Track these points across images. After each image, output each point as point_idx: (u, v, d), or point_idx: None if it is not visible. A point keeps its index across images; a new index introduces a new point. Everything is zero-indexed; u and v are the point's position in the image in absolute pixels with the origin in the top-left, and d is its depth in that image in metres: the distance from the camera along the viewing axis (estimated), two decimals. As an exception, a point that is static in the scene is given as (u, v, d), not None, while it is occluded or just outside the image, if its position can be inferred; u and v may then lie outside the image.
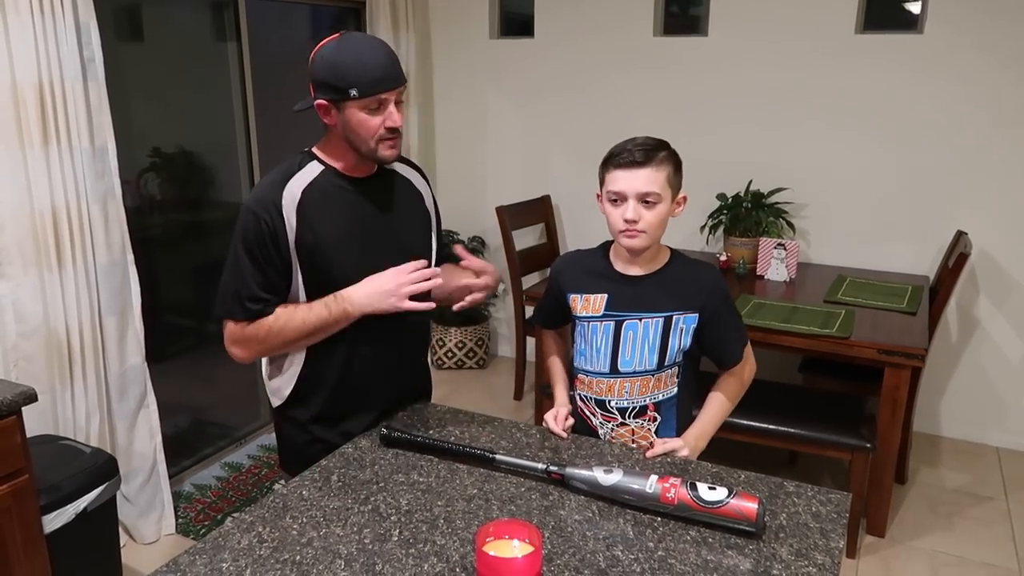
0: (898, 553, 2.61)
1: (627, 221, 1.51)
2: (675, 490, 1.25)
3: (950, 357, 3.38)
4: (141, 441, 2.59)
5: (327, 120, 1.51)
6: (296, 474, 1.45)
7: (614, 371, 1.60)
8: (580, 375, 1.67)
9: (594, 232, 1.72)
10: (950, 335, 3.36)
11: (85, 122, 2.27)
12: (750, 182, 3.44)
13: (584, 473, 1.33)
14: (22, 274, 2.18)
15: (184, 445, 3.13)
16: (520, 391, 3.79)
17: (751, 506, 1.20)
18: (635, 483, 1.28)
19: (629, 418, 1.62)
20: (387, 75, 1.46)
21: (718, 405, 1.66)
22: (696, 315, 1.58)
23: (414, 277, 1.50)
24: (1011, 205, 3.13)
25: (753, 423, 2.60)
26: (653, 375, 1.59)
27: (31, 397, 1.80)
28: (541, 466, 1.39)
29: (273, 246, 1.49)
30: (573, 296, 1.65)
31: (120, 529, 2.46)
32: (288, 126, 2.45)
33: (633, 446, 1.60)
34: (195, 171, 3.24)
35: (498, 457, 1.43)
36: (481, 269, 1.64)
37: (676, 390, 1.62)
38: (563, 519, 1.28)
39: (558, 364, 1.79)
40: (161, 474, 2.67)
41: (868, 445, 2.48)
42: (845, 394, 2.86)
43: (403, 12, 3.72)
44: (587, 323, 1.62)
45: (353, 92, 1.43)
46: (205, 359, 3.32)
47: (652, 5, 3.57)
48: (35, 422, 2.19)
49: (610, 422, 1.64)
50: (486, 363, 4.21)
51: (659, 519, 1.27)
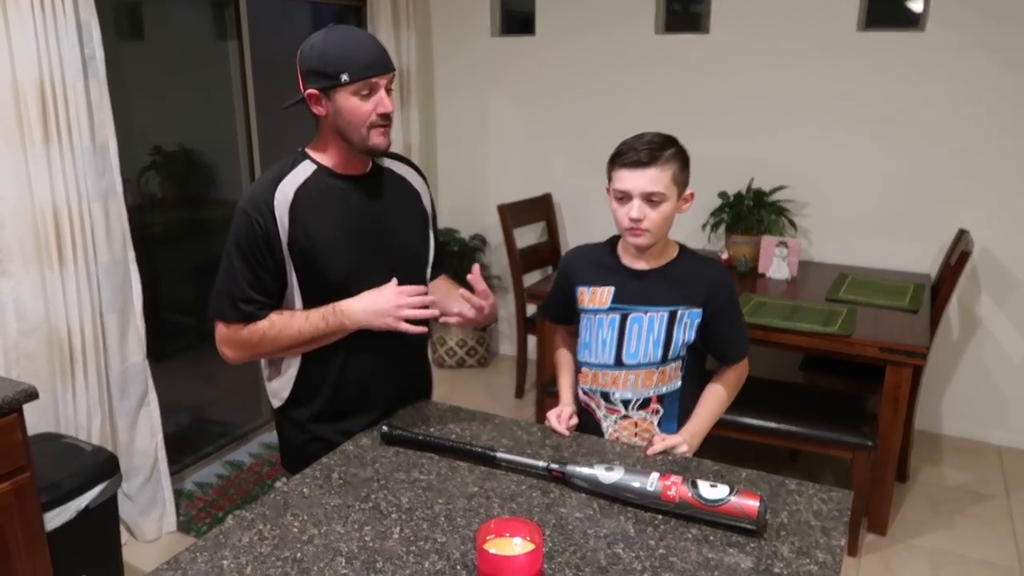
0: (899, 551, 2.61)
1: (632, 220, 1.52)
2: (676, 488, 1.25)
3: (952, 355, 3.38)
4: (142, 439, 2.60)
5: (318, 111, 1.50)
6: (297, 473, 1.44)
7: (618, 363, 1.61)
8: (584, 368, 1.67)
9: (596, 230, 1.72)
10: (952, 333, 3.36)
11: (86, 120, 2.27)
12: (752, 180, 3.44)
13: (585, 471, 1.33)
14: (23, 272, 2.18)
15: (185, 443, 3.13)
16: (521, 389, 3.79)
17: (752, 504, 1.20)
18: (636, 481, 1.28)
19: (632, 410, 1.63)
20: (377, 60, 1.46)
21: (717, 399, 1.66)
22: (700, 310, 1.59)
23: (413, 302, 1.50)
24: (1013, 203, 3.13)
25: (755, 421, 2.60)
26: (657, 368, 1.60)
27: (32, 395, 1.80)
28: (542, 464, 1.39)
29: (266, 247, 1.48)
30: (581, 289, 1.66)
31: (121, 527, 2.46)
32: (288, 125, 2.44)
33: (635, 440, 1.61)
34: (196, 169, 3.24)
35: (499, 455, 1.43)
36: (481, 297, 1.56)
37: (680, 383, 1.63)
38: (564, 517, 1.28)
39: (567, 362, 1.79)
40: (162, 472, 2.67)
41: (869, 443, 2.47)
42: (846, 392, 2.85)
43: (404, 10, 3.71)
44: (593, 316, 1.63)
45: (344, 77, 1.43)
46: (206, 357, 3.31)
47: (653, 2, 3.57)
48: (36, 420, 2.19)
49: (613, 414, 1.65)
50: (487, 361, 4.21)
51: (660, 517, 1.27)
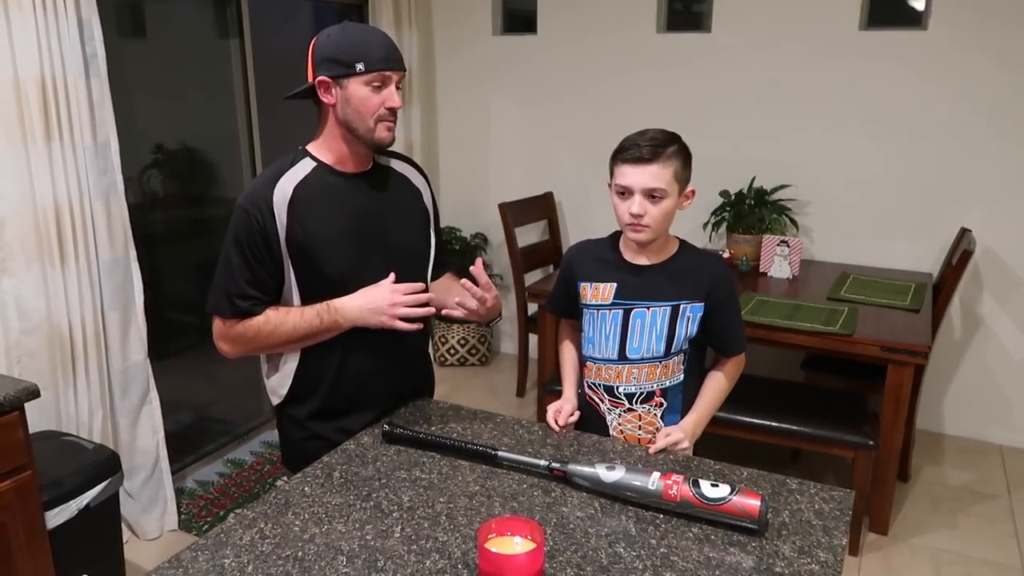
0: (901, 551, 2.60)
1: (633, 215, 1.53)
2: (677, 487, 1.25)
3: (953, 355, 3.37)
4: (144, 437, 2.60)
5: (326, 99, 1.50)
6: (297, 470, 1.44)
7: (622, 358, 1.62)
8: (588, 362, 1.68)
9: (597, 228, 1.72)
10: (953, 332, 3.35)
11: (87, 118, 2.27)
12: (753, 179, 3.43)
13: (586, 470, 1.33)
14: (25, 270, 2.18)
15: (187, 441, 3.13)
16: (523, 388, 3.78)
17: (754, 503, 1.20)
18: (637, 480, 1.28)
19: (636, 403, 1.64)
20: (392, 56, 1.49)
21: (718, 390, 1.67)
22: (702, 304, 1.59)
23: (408, 300, 1.50)
24: (1015, 202, 3.12)
25: (756, 420, 2.60)
26: (660, 362, 1.61)
27: (33, 393, 1.80)
28: (543, 463, 1.39)
29: (263, 244, 1.48)
30: (583, 284, 1.67)
31: (123, 525, 2.46)
32: (290, 123, 2.44)
33: (639, 434, 1.62)
34: (197, 167, 3.24)
35: (500, 454, 1.43)
36: (484, 289, 1.53)
37: (682, 376, 1.64)
38: (565, 516, 1.27)
39: (571, 357, 1.79)
40: (164, 470, 2.67)
41: (871, 443, 2.47)
42: (848, 392, 2.85)
43: (405, 8, 3.71)
44: (596, 311, 1.64)
45: (359, 66, 1.45)
46: (208, 355, 3.29)
47: (655, 1, 3.56)
48: (38, 418, 2.19)
49: (617, 408, 1.65)
50: (489, 360, 4.21)
51: (661, 516, 1.27)
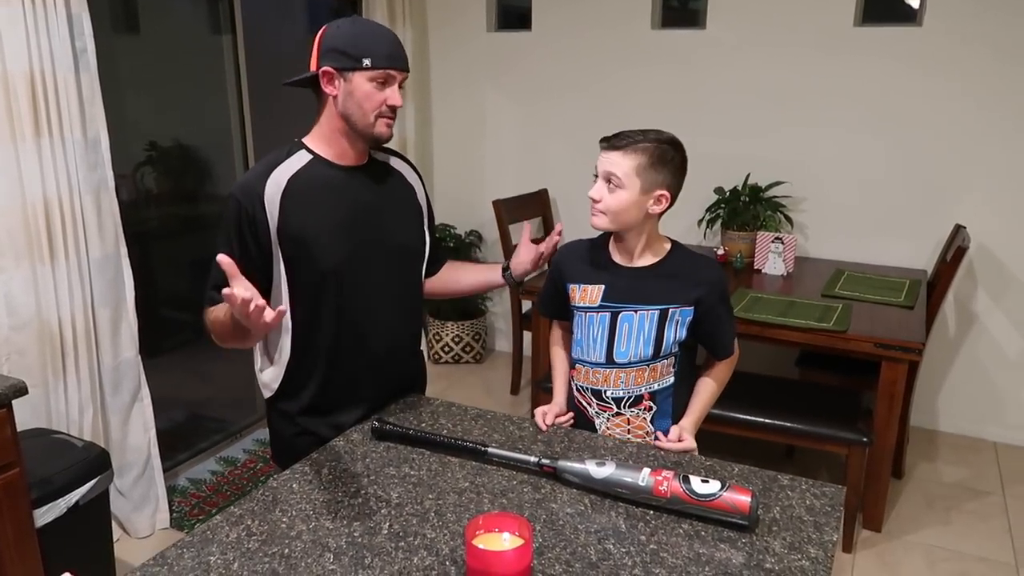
0: (894, 548, 2.60)
1: (590, 197, 1.55)
2: (668, 483, 1.24)
3: (948, 351, 3.37)
4: (135, 435, 2.58)
5: (329, 89, 1.49)
6: (287, 466, 1.43)
7: (610, 361, 1.59)
8: (577, 365, 1.66)
9: (591, 225, 1.71)
10: (948, 329, 3.35)
11: (77, 113, 2.25)
12: (748, 175, 3.42)
13: (576, 466, 1.32)
14: (14, 266, 2.17)
15: (179, 439, 3.12)
16: (517, 386, 3.78)
17: (744, 499, 1.19)
18: (628, 476, 1.27)
19: (625, 408, 1.62)
20: (399, 55, 1.50)
21: (710, 392, 1.66)
22: (692, 308, 1.57)
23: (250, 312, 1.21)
24: (1010, 199, 3.12)
25: (750, 417, 2.59)
26: (649, 365, 1.59)
27: (22, 390, 1.79)
28: (533, 459, 1.38)
29: (251, 234, 1.47)
30: (572, 286, 1.65)
31: (114, 523, 2.45)
32: (283, 119, 2.43)
33: (627, 438, 1.59)
34: (190, 164, 3.22)
35: (490, 450, 1.42)
36: (549, 239, 1.72)
37: (672, 380, 1.62)
38: (555, 512, 1.27)
39: (560, 361, 1.77)
40: (155, 468, 2.66)
41: (865, 439, 2.47)
42: (842, 388, 2.85)
43: (400, 4, 3.70)
44: (584, 313, 1.62)
45: (366, 61, 1.45)
46: (201, 353, 3.30)
47: (650, -2, 3.56)
48: (28, 416, 2.18)
49: (606, 412, 1.63)
50: (483, 358, 4.20)
51: (651, 512, 1.26)
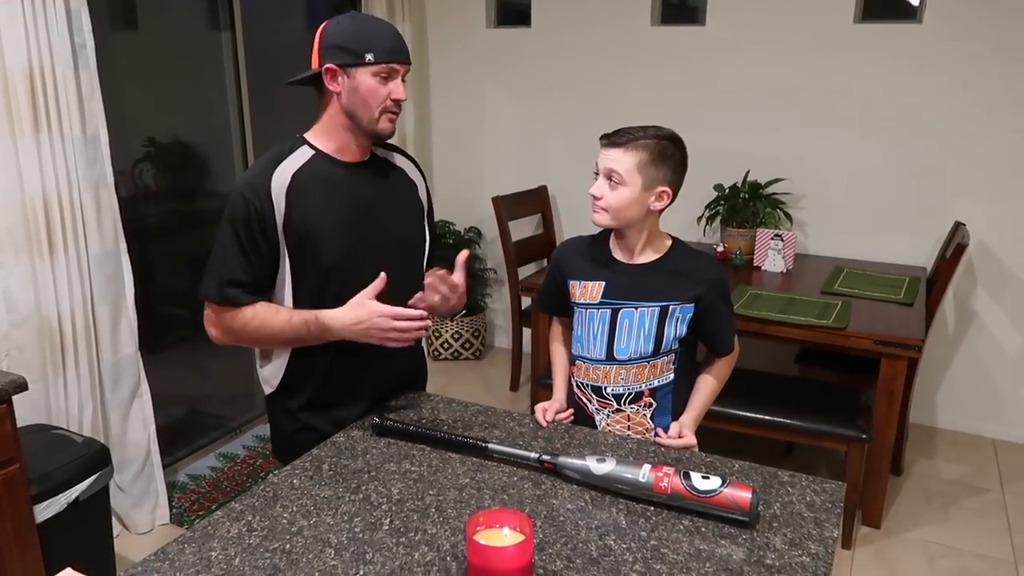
0: (893, 544, 2.61)
1: (591, 195, 1.55)
2: (668, 479, 1.24)
3: (947, 348, 3.37)
4: (135, 431, 2.58)
5: (332, 87, 1.48)
6: (287, 462, 1.44)
7: (610, 358, 1.59)
8: (577, 361, 1.66)
9: (591, 222, 1.72)
10: (947, 326, 3.35)
11: (76, 109, 2.25)
12: (747, 172, 3.42)
13: (577, 462, 1.32)
14: (13, 262, 2.17)
15: (179, 435, 3.12)
16: (516, 382, 3.78)
17: (744, 495, 1.20)
18: (628, 472, 1.28)
19: (625, 404, 1.62)
20: (401, 49, 1.50)
21: (710, 389, 1.66)
22: (692, 305, 1.57)
23: (401, 326, 1.44)
24: (1010, 196, 3.12)
25: (749, 414, 2.60)
26: (649, 362, 1.59)
27: (21, 386, 1.80)
28: (534, 455, 1.38)
29: (260, 229, 1.47)
30: (572, 283, 1.65)
31: (114, 519, 2.46)
32: (282, 116, 2.43)
33: (627, 434, 1.60)
34: (190, 161, 3.22)
35: (491, 446, 1.42)
36: (450, 290, 1.55)
37: (672, 376, 1.62)
38: (555, 508, 1.27)
39: (560, 358, 1.77)
40: (155, 464, 2.66)
41: (864, 436, 2.47)
42: (841, 385, 2.85)
43: (399, 1, 3.69)
44: (584, 310, 1.62)
45: (369, 57, 1.45)
46: (201, 349, 3.30)
47: (650, -6, 3.55)
48: (27, 411, 2.18)
49: (606, 408, 1.64)
50: (482, 354, 4.20)
51: (652, 508, 1.26)
